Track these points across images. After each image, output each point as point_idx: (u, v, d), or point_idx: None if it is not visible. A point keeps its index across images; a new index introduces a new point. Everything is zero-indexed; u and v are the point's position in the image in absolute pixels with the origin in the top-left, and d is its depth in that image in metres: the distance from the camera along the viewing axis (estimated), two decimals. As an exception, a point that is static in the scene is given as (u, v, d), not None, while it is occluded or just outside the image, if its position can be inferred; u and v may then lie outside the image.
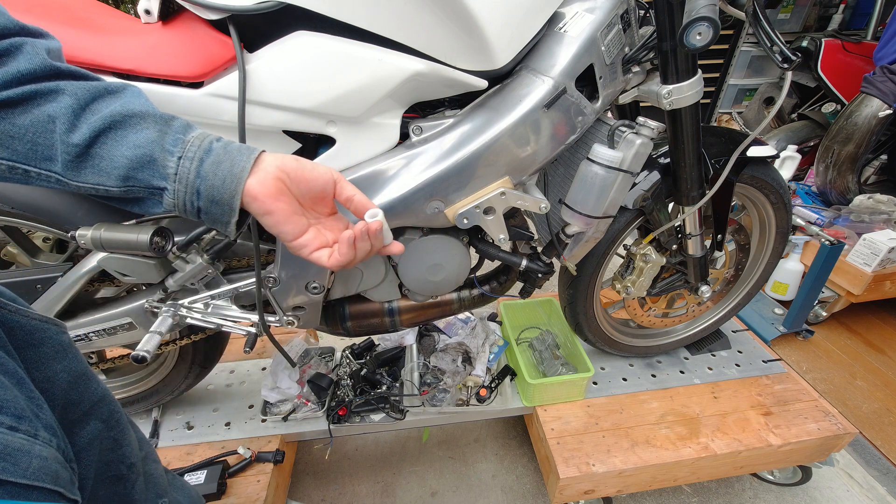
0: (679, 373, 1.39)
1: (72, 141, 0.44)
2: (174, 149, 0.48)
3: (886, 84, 1.91)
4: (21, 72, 0.43)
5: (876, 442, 1.51)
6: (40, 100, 0.44)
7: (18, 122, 0.43)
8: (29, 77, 0.44)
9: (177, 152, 0.48)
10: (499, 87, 0.81)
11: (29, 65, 0.44)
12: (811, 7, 3.07)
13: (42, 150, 0.45)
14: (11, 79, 0.43)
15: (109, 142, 0.46)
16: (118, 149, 0.46)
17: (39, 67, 0.44)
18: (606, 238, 1.03)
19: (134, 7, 0.72)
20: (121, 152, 0.46)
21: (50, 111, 0.44)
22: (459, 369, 1.33)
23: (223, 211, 0.50)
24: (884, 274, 1.77)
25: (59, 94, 0.44)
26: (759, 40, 0.70)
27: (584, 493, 1.17)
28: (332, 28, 0.68)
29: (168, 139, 0.48)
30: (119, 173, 0.47)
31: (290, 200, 0.53)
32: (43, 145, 0.45)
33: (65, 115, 0.44)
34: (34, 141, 0.44)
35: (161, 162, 0.47)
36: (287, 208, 0.53)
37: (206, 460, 1.13)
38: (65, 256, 0.99)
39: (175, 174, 0.48)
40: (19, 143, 0.44)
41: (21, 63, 0.43)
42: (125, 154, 0.46)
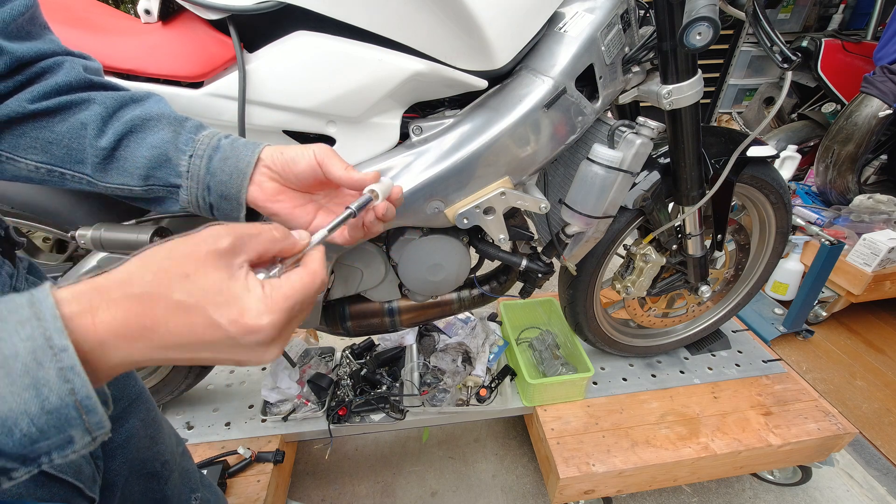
0: (679, 373, 1.39)
1: (100, 145, 0.48)
2: (186, 147, 0.50)
3: (886, 84, 1.91)
4: (59, 84, 0.48)
5: (876, 442, 1.51)
6: (75, 109, 0.48)
7: (56, 129, 0.48)
8: (66, 88, 0.48)
9: (188, 150, 0.50)
10: (499, 87, 0.81)
11: (66, 78, 0.48)
12: (811, 7, 3.07)
13: (76, 154, 0.49)
14: (51, 90, 0.47)
15: (132, 144, 0.49)
16: (139, 150, 0.49)
17: (75, 80, 0.49)
18: (606, 238, 1.03)
19: (134, 7, 0.72)
20: (141, 153, 0.49)
21: (83, 118, 0.48)
22: (459, 369, 1.33)
23: (232, 206, 0.51)
24: (884, 274, 1.77)
25: (90, 104, 0.49)
26: (759, 40, 0.70)
27: (584, 493, 1.17)
28: (331, 28, 0.68)
29: (181, 139, 0.50)
30: (140, 173, 0.50)
31: (291, 195, 0.52)
32: (76, 150, 0.49)
33: (94, 122, 0.48)
34: (69, 146, 0.49)
35: (175, 161, 0.50)
36: (289, 204, 0.52)
37: (206, 460, 1.13)
38: (65, 256, 0.99)
39: (188, 171, 0.50)
40: (57, 149, 0.49)
41: (60, 77, 0.48)
42: (144, 154, 0.49)
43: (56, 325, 0.27)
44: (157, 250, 0.32)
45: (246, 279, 0.33)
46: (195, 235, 0.33)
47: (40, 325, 0.27)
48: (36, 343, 0.26)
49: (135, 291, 0.29)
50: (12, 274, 0.47)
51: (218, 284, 0.31)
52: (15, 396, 0.26)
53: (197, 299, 0.30)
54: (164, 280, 0.30)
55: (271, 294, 0.33)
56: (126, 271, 0.30)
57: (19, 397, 0.26)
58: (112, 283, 0.30)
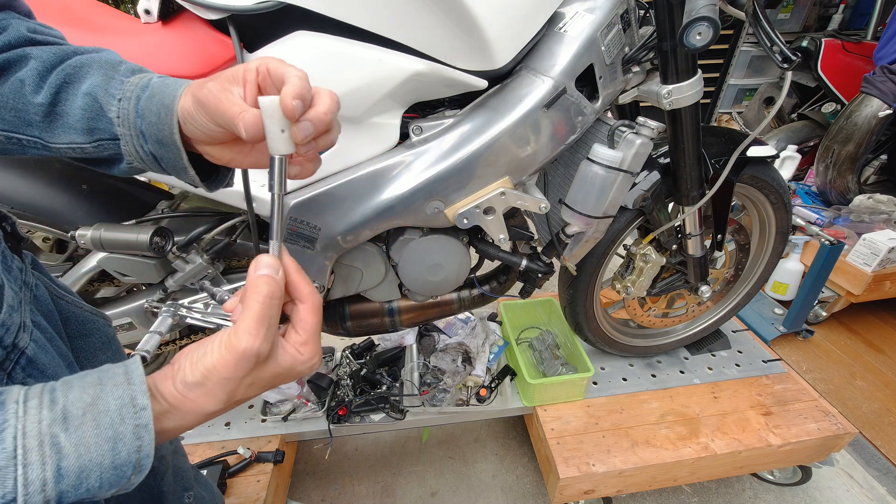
0: (679, 373, 1.39)
1: (37, 101, 0.44)
2: (116, 91, 0.44)
3: (886, 84, 1.91)
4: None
5: (876, 442, 1.51)
6: (14, 67, 0.45)
7: (1, 91, 0.44)
8: (4, 48, 0.45)
9: (118, 94, 0.44)
10: (499, 87, 0.81)
11: (6, 38, 0.45)
12: (811, 7, 3.07)
13: (23, 116, 0.45)
14: None
15: (70, 97, 0.45)
16: (75, 101, 0.44)
17: (14, 39, 0.45)
18: (606, 238, 1.03)
19: (134, 7, 0.72)
20: (77, 104, 0.44)
21: (21, 76, 0.44)
22: (459, 369, 1.33)
23: (172, 153, 0.44)
24: (884, 274, 1.77)
25: (27, 60, 0.45)
26: (759, 40, 0.70)
27: (584, 493, 1.17)
28: (331, 28, 0.68)
29: (113, 83, 0.45)
30: (81, 126, 0.45)
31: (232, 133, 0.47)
32: (22, 111, 0.45)
33: (31, 78, 0.44)
34: (15, 108, 0.45)
35: (106, 107, 0.44)
36: (237, 145, 0.45)
37: (205, 460, 1.13)
38: (65, 256, 0.99)
39: (118, 117, 0.44)
40: (6, 112, 0.45)
41: (1, 39, 0.45)
42: (79, 105, 0.44)
43: (142, 388, 0.33)
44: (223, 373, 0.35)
45: None
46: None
47: (129, 388, 0.32)
48: (123, 401, 0.32)
49: (209, 410, 0.36)
50: (21, 268, 0.48)
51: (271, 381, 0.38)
52: (98, 447, 0.30)
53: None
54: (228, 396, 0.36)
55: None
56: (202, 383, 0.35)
57: (100, 448, 0.30)
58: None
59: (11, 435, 0.28)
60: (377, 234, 0.87)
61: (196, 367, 0.34)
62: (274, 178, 0.39)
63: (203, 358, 0.35)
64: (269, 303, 0.35)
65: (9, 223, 0.49)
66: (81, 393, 0.31)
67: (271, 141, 0.38)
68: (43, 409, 0.30)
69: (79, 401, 0.31)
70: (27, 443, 0.28)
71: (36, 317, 0.47)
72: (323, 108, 0.38)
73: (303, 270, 0.41)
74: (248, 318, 0.35)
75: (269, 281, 0.36)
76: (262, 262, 0.37)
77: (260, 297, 0.35)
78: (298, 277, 0.39)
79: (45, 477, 0.28)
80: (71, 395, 0.31)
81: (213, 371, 0.34)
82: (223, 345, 0.34)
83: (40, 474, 0.28)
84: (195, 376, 0.34)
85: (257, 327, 0.34)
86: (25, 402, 0.30)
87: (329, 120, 0.39)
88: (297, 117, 0.37)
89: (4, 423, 0.28)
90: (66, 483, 0.29)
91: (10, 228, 0.48)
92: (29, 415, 0.29)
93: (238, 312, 0.36)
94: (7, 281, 0.42)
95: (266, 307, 0.35)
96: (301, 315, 0.39)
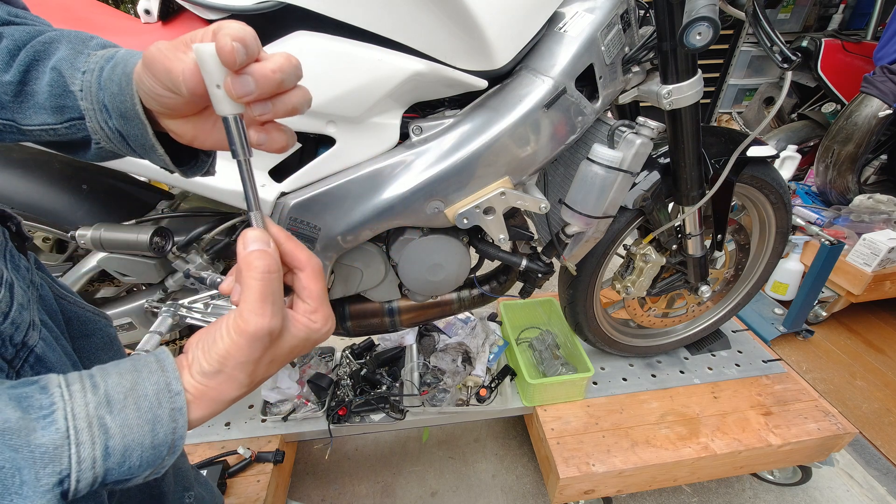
0: (679, 373, 1.39)
1: (6, 79, 0.42)
2: (81, 65, 0.42)
3: (886, 84, 1.91)
4: None
5: (876, 442, 1.51)
6: None
7: None
8: None
9: (82, 67, 0.41)
10: (499, 87, 0.81)
11: None
12: (811, 7, 3.07)
13: None
14: None
15: (39, 75, 0.42)
16: (43, 78, 0.42)
17: None
18: (606, 238, 1.03)
19: (134, 7, 0.72)
20: (45, 81, 0.42)
21: None
22: (459, 369, 1.33)
23: (136, 127, 0.41)
24: (884, 274, 1.77)
25: (0, 39, 0.42)
26: (759, 40, 0.70)
27: (584, 493, 1.17)
28: (331, 28, 0.68)
29: (80, 58, 0.42)
30: (50, 105, 0.42)
31: (197, 102, 0.42)
32: None
33: (1, 56, 0.42)
34: None
35: (70, 81, 0.41)
36: (204, 116, 0.42)
37: (205, 460, 1.13)
38: (64, 256, 0.99)
39: (81, 90, 0.41)
40: None
41: None
42: (46, 81, 0.42)
43: (175, 374, 0.34)
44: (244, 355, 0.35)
45: None
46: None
47: (164, 374, 0.34)
48: (159, 387, 0.33)
49: (234, 394, 0.36)
50: (28, 267, 0.48)
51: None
52: (140, 428, 0.32)
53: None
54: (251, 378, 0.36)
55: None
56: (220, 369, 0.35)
57: (142, 430, 0.32)
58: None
59: (62, 416, 0.30)
60: (377, 234, 0.87)
61: (210, 356, 0.34)
62: (234, 143, 0.35)
63: (214, 346, 0.34)
64: (269, 278, 0.34)
65: (14, 223, 0.49)
66: (120, 379, 0.33)
67: (213, 97, 0.33)
68: (87, 394, 0.31)
69: (119, 386, 0.32)
70: (77, 424, 0.30)
71: (42, 316, 0.47)
72: (271, 65, 0.33)
73: (294, 237, 0.38)
74: (250, 298, 0.33)
75: (263, 255, 0.34)
76: (249, 238, 0.35)
77: (257, 274, 0.33)
78: (291, 245, 0.38)
79: (94, 455, 0.30)
80: (110, 380, 0.33)
81: (229, 357, 0.34)
82: (231, 329, 0.34)
83: (91, 453, 0.30)
84: (211, 365, 0.34)
85: (262, 306, 0.33)
86: (68, 386, 0.32)
87: (278, 79, 0.33)
88: (236, 66, 0.32)
89: (53, 406, 0.30)
90: (112, 461, 0.31)
91: (14, 228, 0.48)
92: (75, 398, 0.31)
93: (237, 294, 0.35)
94: (16, 279, 0.43)
95: (266, 283, 0.34)
96: (304, 283, 0.38)
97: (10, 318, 0.40)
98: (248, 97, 0.33)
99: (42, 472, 0.28)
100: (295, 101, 0.36)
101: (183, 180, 0.79)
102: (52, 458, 0.29)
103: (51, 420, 0.30)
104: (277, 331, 0.35)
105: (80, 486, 0.30)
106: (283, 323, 0.35)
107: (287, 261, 0.38)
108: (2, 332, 0.39)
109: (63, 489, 0.29)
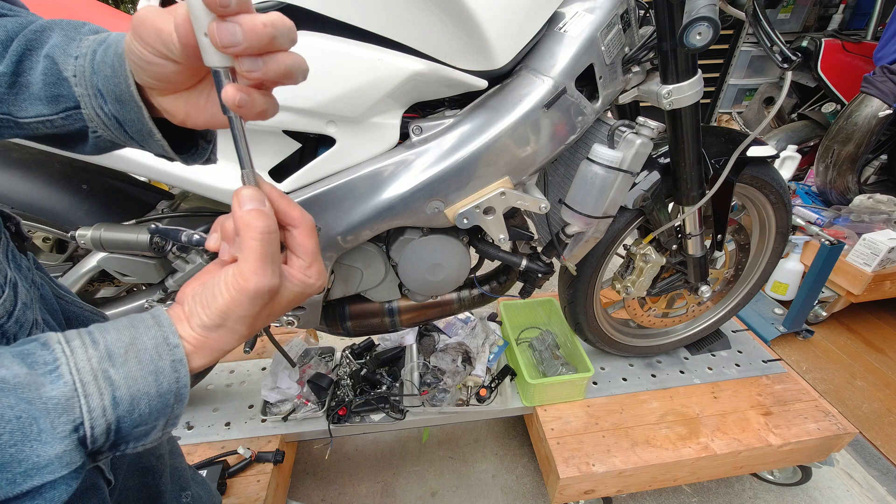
0: (679, 373, 1.39)
1: None
2: (74, 51, 0.41)
3: (886, 84, 1.91)
4: None
5: (876, 442, 1.51)
6: None
7: None
8: None
9: (75, 53, 0.41)
10: (499, 87, 0.81)
11: None
12: (811, 7, 3.07)
13: None
14: None
15: (32, 64, 0.41)
16: (37, 67, 0.41)
17: None
18: (606, 238, 1.03)
19: (134, 7, 0.72)
20: (38, 70, 0.41)
21: None
22: (459, 369, 1.33)
23: (133, 112, 0.40)
24: (884, 274, 1.77)
25: None
26: (759, 40, 0.70)
27: (584, 493, 1.17)
28: (331, 28, 0.68)
29: (73, 44, 0.41)
30: (44, 95, 0.41)
31: (191, 76, 0.41)
32: None
33: None
34: None
35: (63, 67, 0.40)
36: (199, 90, 0.41)
37: (205, 460, 1.13)
38: (65, 256, 0.99)
39: (74, 76, 0.40)
40: None
41: None
42: (40, 70, 0.41)
43: (171, 329, 0.35)
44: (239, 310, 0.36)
45: None
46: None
47: (160, 329, 0.35)
48: (158, 341, 0.34)
49: (232, 345, 0.38)
50: (29, 267, 0.48)
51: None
52: (143, 379, 0.33)
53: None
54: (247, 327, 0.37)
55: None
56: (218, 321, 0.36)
57: (146, 380, 0.33)
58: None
59: (67, 371, 0.31)
60: (377, 234, 0.87)
61: (210, 311, 0.35)
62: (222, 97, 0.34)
63: (214, 301, 0.35)
64: (268, 238, 0.34)
65: (13, 223, 0.49)
66: (119, 335, 0.34)
67: (202, 48, 0.32)
68: (88, 349, 0.33)
69: (118, 341, 0.34)
70: (83, 377, 0.32)
71: (44, 315, 0.47)
72: (263, 18, 0.32)
73: (286, 195, 0.39)
74: (250, 258, 0.34)
75: (261, 215, 0.34)
76: (244, 197, 0.35)
77: (257, 235, 0.34)
78: (284, 203, 0.38)
79: (104, 405, 0.32)
80: (109, 336, 0.34)
81: (230, 311, 0.35)
82: (232, 287, 0.35)
83: (100, 402, 0.32)
84: (212, 319, 0.35)
85: (262, 266, 0.34)
86: (68, 342, 0.33)
87: (269, 34, 0.32)
88: (220, 9, 0.30)
89: (56, 362, 0.32)
90: (122, 409, 0.33)
91: (14, 228, 0.48)
92: (76, 354, 0.32)
93: (226, 251, 0.36)
94: (19, 279, 0.43)
95: (266, 244, 0.34)
96: (298, 240, 0.38)
97: (14, 316, 0.40)
98: (234, 48, 0.31)
99: (57, 421, 0.30)
100: (289, 63, 0.34)
101: (183, 180, 0.79)
102: (64, 409, 0.30)
103: (57, 374, 0.31)
104: (277, 288, 0.36)
105: (96, 432, 0.32)
106: (281, 280, 0.37)
107: (280, 218, 0.38)
108: (6, 330, 0.39)
109: (79, 435, 0.31)
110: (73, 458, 0.31)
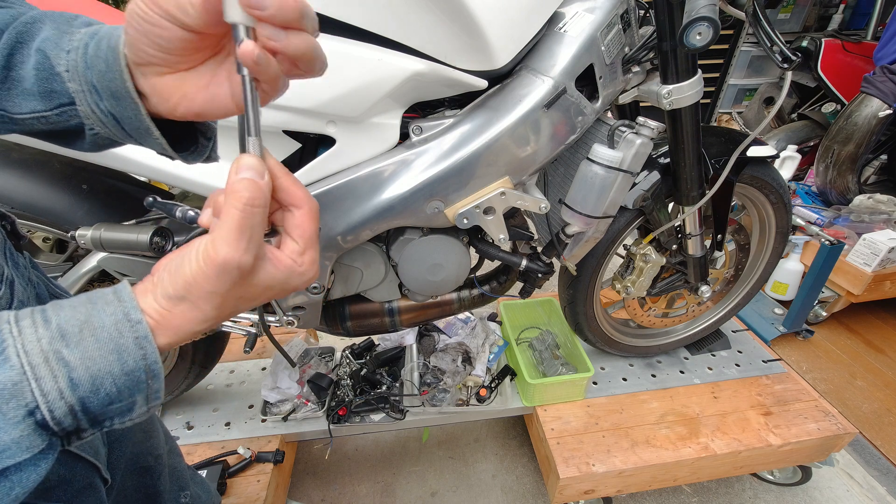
0: (679, 373, 1.39)
1: None
2: (66, 44, 0.39)
3: (886, 84, 1.91)
4: None
5: (876, 442, 1.51)
6: None
7: None
8: None
9: (66, 46, 0.39)
10: (499, 87, 0.81)
11: None
12: (811, 7, 3.07)
13: None
14: None
15: (24, 58, 0.40)
16: (28, 61, 0.40)
17: None
18: (606, 238, 1.03)
19: (134, 7, 0.72)
20: (30, 64, 0.40)
21: None
22: (459, 369, 1.33)
23: (130, 108, 0.39)
24: (884, 274, 1.77)
25: None
26: (759, 40, 0.70)
27: (584, 493, 1.17)
28: (331, 28, 0.68)
29: (65, 38, 0.40)
30: (38, 90, 0.40)
31: (187, 68, 0.40)
32: None
33: None
34: None
35: (55, 62, 0.39)
36: (196, 82, 0.40)
37: (205, 460, 1.13)
38: (65, 256, 0.99)
39: (67, 71, 0.39)
40: None
41: None
42: (31, 64, 0.39)
43: (133, 304, 0.33)
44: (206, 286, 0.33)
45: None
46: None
47: (121, 305, 0.32)
48: (117, 317, 0.32)
49: (199, 326, 0.34)
50: (26, 265, 0.48)
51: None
52: (103, 358, 0.31)
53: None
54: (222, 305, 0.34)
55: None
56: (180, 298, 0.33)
57: (106, 360, 0.31)
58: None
59: (14, 353, 0.29)
60: (377, 234, 0.87)
61: (175, 279, 0.32)
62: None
63: (181, 268, 0.32)
64: (251, 211, 0.31)
65: (8, 222, 0.49)
66: (73, 312, 0.32)
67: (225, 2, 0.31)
68: (38, 328, 0.31)
69: (72, 319, 0.31)
70: (32, 360, 0.29)
71: None
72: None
73: (291, 173, 0.36)
74: (225, 226, 0.31)
75: (252, 186, 0.31)
76: (243, 164, 0.32)
77: (239, 204, 0.31)
78: (289, 181, 0.35)
79: (59, 387, 0.30)
80: (62, 314, 0.32)
81: (194, 284, 0.32)
82: (200, 255, 0.31)
83: (54, 385, 0.30)
84: (176, 290, 0.32)
85: (237, 237, 0.31)
86: (17, 322, 0.31)
87: (299, 8, 0.32)
88: None
89: (3, 343, 0.30)
90: (83, 390, 0.30)
91: (9, 227, 0.48)
92: (25, 333, 0.30)
93: (215, 226, 0.33)
94: (16, 276, 0.43)
95: (247, 215, 0.31)
96: (297, 221, 0.35)
97: None
98: (260, 11, 0.30)
99: (7, 407, 0.28)
100: (313, 46, 0.34)
101: (183, 180, 0.79)
102: (12, 393, 0.29)
103: (4, 358, 0.29)
104: (248, 268, 0.32)
105: (57, 414, 0.30)
106: (258, 262, 0.33)
107: (281, 197, 0.35)
108: None
109: (37, 419, 0.29)
110: (32, 443, 0.29)
